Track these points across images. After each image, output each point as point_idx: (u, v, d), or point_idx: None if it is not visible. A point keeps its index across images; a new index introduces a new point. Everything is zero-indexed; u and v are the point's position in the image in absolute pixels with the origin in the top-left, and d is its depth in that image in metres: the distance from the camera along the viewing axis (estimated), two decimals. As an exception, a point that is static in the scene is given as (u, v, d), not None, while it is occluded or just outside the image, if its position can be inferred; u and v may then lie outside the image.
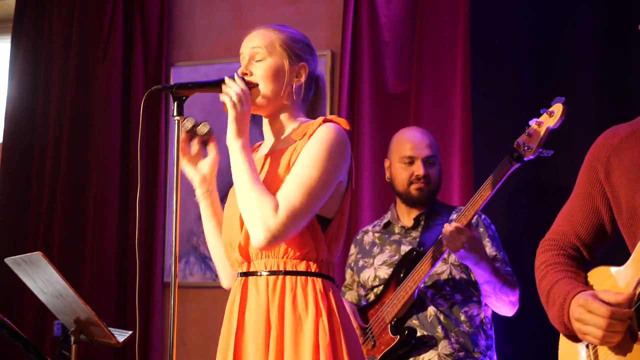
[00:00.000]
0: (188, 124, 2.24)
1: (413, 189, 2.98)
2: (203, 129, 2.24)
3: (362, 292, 3.06)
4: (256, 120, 2.32)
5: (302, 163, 2.06)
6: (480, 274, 2.79)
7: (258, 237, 2.01)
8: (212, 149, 2.29)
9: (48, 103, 4.44)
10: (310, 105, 2.28)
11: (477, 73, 3.62)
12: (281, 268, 2.07)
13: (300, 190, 2.02)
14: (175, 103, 2.12)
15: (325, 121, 2.13)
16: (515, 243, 3.09)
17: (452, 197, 3.54)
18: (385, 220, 3.10)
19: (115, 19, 4.36)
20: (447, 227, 2.71)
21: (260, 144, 2.35)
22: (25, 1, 4.59)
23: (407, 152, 2.99)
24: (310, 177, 2.04)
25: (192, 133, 2.26)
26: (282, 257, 2.08)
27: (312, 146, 2.07)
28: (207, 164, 2.28)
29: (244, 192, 2.05)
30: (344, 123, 2.14)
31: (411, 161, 2.98)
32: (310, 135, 2.10)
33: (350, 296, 3.11)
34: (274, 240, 2.01)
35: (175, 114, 2.12)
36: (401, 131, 3.12)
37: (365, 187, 3.78)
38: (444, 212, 3.00)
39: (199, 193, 2.28)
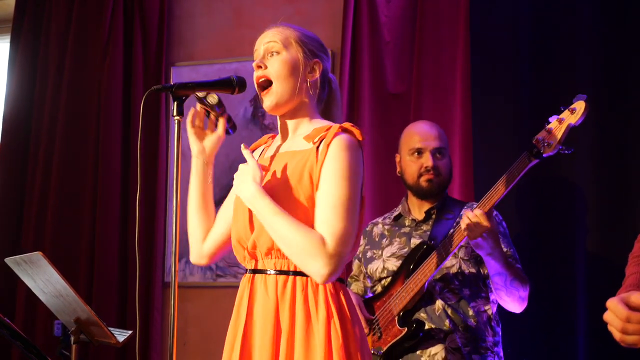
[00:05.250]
0: (202, 93, 2.27)
1: (423, 180, 2.97)
2: (211, 98, 2.27)
3: (369, 284, 3.06)
4: (255, 120, 2.33)
5: (329, 187, 2.04)
6: (492, 265, 2.78)
7: (320, 274, 1.99)
8: (219, 127, 2.33)
9: (47, 103, 4.44)
10: (324, 107, 2.27)
11: (477, 73, 3.63)
12: (291, 268, 2.07)
13: (338, 216, 2.01)
14: (175, 103, 2.12)
15: (340, 129, 2.11)
16: (517, 241, 3.09)
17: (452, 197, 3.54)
18: (395, 213, 3.09)
19: (116, 19, 4.37)
20: (469, 214, 2.70)
21: (273, 137, 2.35)
22: (25, 1, 4.60)
23: (415, 144, 2.98)
24: (342, 199, 2.02)
25: (203, 103, 2.29)
26: None
27: (334, 167, 2.05)
28: (210, 139, 2.33)
29: (286, 237, 2.02)
30: (358, 134, 2.13)
31: (420, 153, 2.97)
32: (328, 144, 2.07)
33: (356, 287, 3.11)
34: (334, 273, 2.00)
35: (175, 114, 2.12)
36: (410, 125, 3.11)
37: (365, 186, 3.75)
38: (456, 207, 2.99)
39: (194, 162, 2.32)
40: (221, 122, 2.33)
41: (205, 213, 2.32)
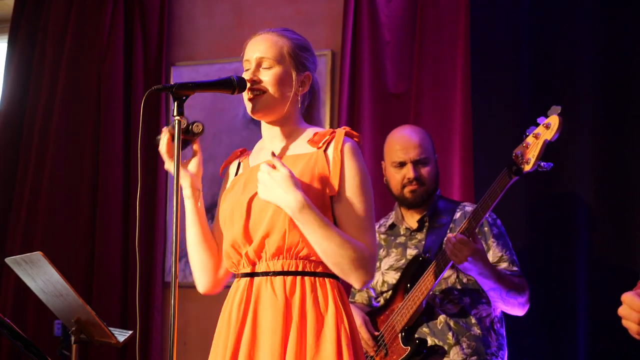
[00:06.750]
0: (184, 122, 2.17)
1: (407, 191, 2.96)
2: (196, 128, 2.19)
3: (372, 294, 3.05)
4: (255, 120, 2.33)
5: (356, 201, 2.11)
6: (485, 283, 2.78)
7: (363, 281, 2.09)
8: (197, 150, 2.26)
9: (46, 104, 4.44)
10: (306, 110, 2.30)
11: (477, 73, 3.63)
12: (300, 268, 2.10)
13: (368, 227, 2.11)
14: (175, 103, 2.12)
15: (345, 134, 2.16)
16: (518, 243, 3.09)
17: (452, 198, 3.53)
18: (390, 221, 3.08)
19: (116, 19, 4.37)
20: (450, 239, 2.69)
21: (242, 151, 2.36)
22: (24, 1, 4.59)
23: (396, 156, 2.97)
24: (368, 211, 2.12)
25: (186, 132, 2.20)
26: (302, 259, 2.10)
27: (356, 180, 2.12)
28: (194, 165, 2.25)
29: (335, 250, 2.06)
30: (358, 138, 2.20)
31: (402, 165, 2.97)
32: (340, 150, 2.12)
33: (360, 297, 3.10)
34: (372, 278, 2.12)
35: (175, 114, 2.12)
36: (392, 133, 3.07)
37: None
38: (448, 210, 2.97)
39: (188, 194, 2.25)
40: (195, 145, 2.25)
41: (210, 240, 2.29)
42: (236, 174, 2.32)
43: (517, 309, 2.87)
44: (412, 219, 3.02)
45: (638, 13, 3.42)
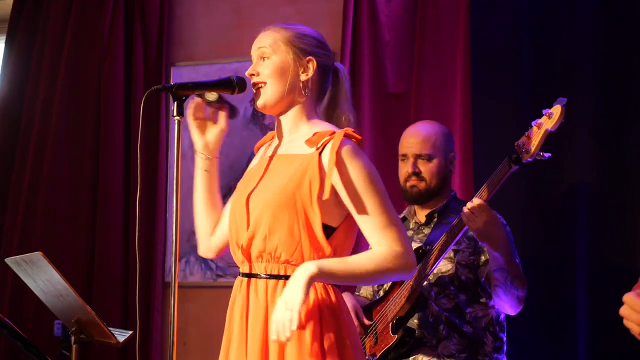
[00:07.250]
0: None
1: (408, 185, 2.95)
2: (210, 96, 2.21)
3: (376, 287, 3.06)
4: (255, 120, 2.33)
5: (367, 197, 2.07)
6: (495, 259, 2.73)
7: (409, 273, 2.12)
8: (221, 119, 2.28)
9: (45, 104, 4.44)
10: (330, 99, 2.27)
11: (477, 73, 3.63)
12: (282, 273, 2.07)
13: (389, 221, 2.08)
14: (176, 103, 2.12)
15: (344, 137, 2.10)
16: (517, 241, 3.08)
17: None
18: (401, 216, 3.07)
19: (116, 19, 4.37)
20: (468, 204, 2.68)
21: (273, 137, 2.34)
22: (23, 1, 4.59)
23: (401, 149, 2.98)
24: (383, 207, 2.08)
25: (201, 97, 2.24)
26: (284, 263, 2.08)
27: (359, 177, 2.08)
28: (213, 133, 2.29)
29: (370, 277, 2.09)
30: (360, 140, 2.15)
31: (405, 158, 2.97)
32: (336, 153, 2.06)
33: (365, 291, 3.10)
34: (415, 263, 2.11)
35: (175, 114, 2.12)
36: (409, 127, 3.08)
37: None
38: (457, 210, 2.95)
39: (199, 158, 2.29)
40: (222, 116, 2.28)
41: (213, 207, 2.31)
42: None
43: (515, 302, 2.80)
44: (422, 214, 3.01)
45: (638, 13, 3.42)
